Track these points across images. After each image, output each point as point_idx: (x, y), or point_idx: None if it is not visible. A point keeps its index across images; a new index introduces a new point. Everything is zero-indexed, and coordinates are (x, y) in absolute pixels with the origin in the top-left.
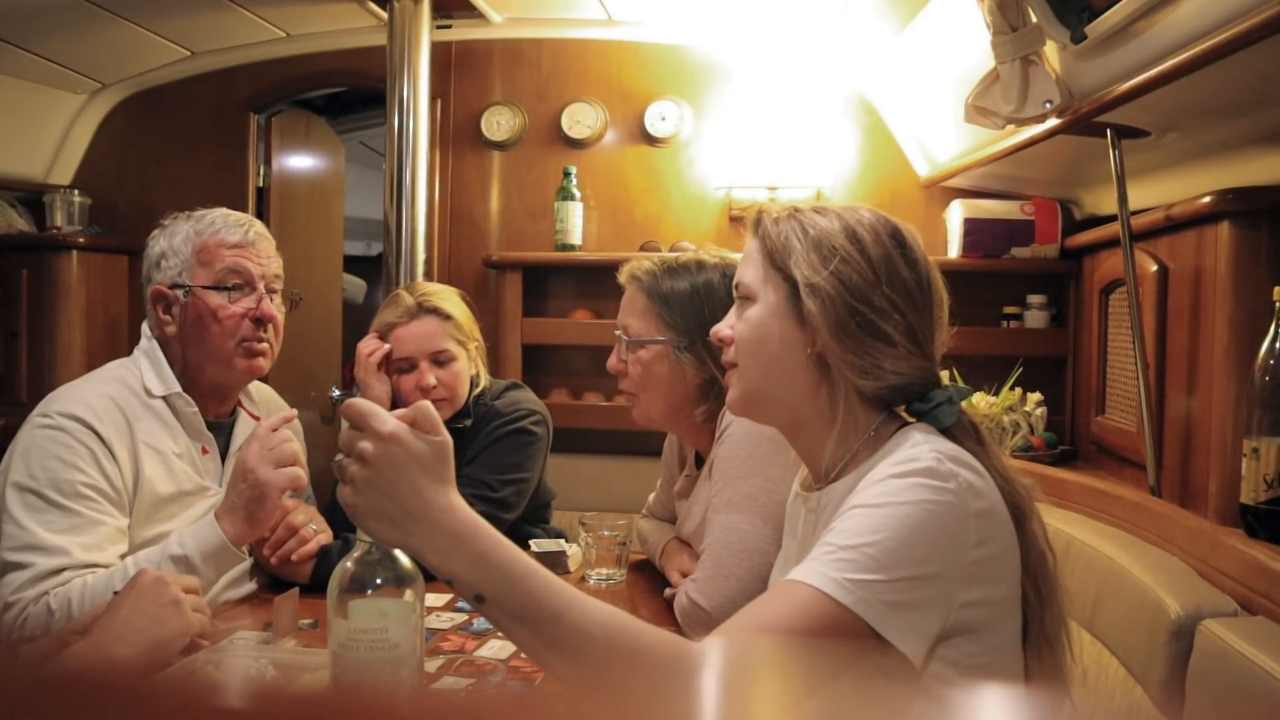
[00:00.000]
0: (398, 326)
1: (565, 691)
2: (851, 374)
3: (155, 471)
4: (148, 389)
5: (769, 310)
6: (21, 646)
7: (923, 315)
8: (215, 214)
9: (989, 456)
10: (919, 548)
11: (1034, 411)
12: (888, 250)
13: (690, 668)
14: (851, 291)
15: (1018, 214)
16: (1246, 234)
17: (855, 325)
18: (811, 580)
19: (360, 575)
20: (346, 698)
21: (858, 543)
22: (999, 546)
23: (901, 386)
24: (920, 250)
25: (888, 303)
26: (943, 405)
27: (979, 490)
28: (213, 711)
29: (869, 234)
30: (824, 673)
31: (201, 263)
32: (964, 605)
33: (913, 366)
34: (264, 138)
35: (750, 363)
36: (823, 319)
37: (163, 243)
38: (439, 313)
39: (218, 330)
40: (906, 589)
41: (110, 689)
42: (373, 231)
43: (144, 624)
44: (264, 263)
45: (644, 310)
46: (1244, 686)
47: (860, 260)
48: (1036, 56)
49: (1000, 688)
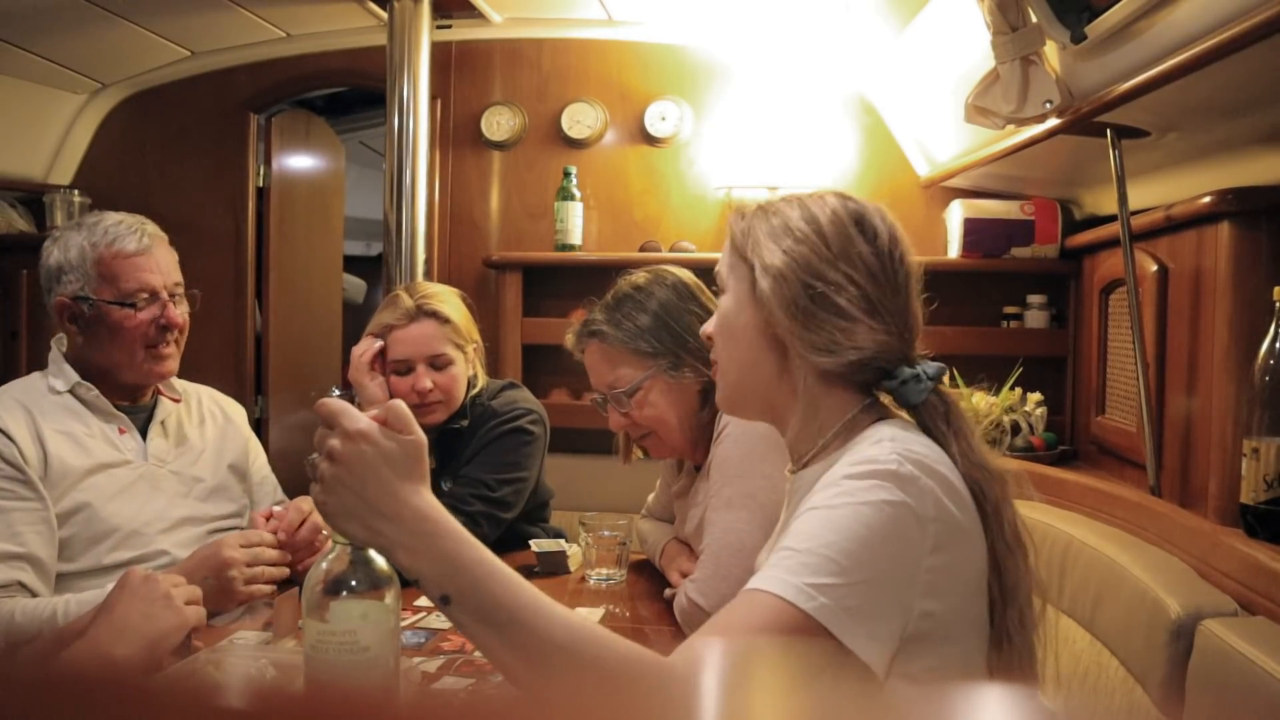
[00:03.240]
0: (396, 329)
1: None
2: (806, 350)
3: (64, 449)
4: (52, 388)
5: (734, 299)
6: (21, 647)
7: (884, 289)
8: (107, 222)
9: (960, 440)
10: (876, 549)
11: (1034, 411)
12: (844, 228)
13: (657, 681)
14: (803, 267)
15: (1018, 214)
16: (1246, 234)
17: (807, 299)
18: (772, 588)
19: (334, 577)
20: (346, 698)
21: (814, 545)
22: (957, 554)
23: (862, 362)
24: (886, 228)
25: (842, 276)
26: (908, 382)
27: (938, 496)
28: (213, 711)
29: (826, 214)
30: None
31: (103, 277)
32: (922, 615)
33: (872, 340)
34: (264, 138)
35: (724, 355)
36: (774, 297)
37: (57, 255)
38: (438, 316)
39: (125, 339)
40: (864, 593)
41: (110, 689)
42: (373, 231)
43: (139, 621)
44: (165, 271)
45: (621, 356)
46: (1244, 686)
47: (815, 238)
48: (1036, 56)
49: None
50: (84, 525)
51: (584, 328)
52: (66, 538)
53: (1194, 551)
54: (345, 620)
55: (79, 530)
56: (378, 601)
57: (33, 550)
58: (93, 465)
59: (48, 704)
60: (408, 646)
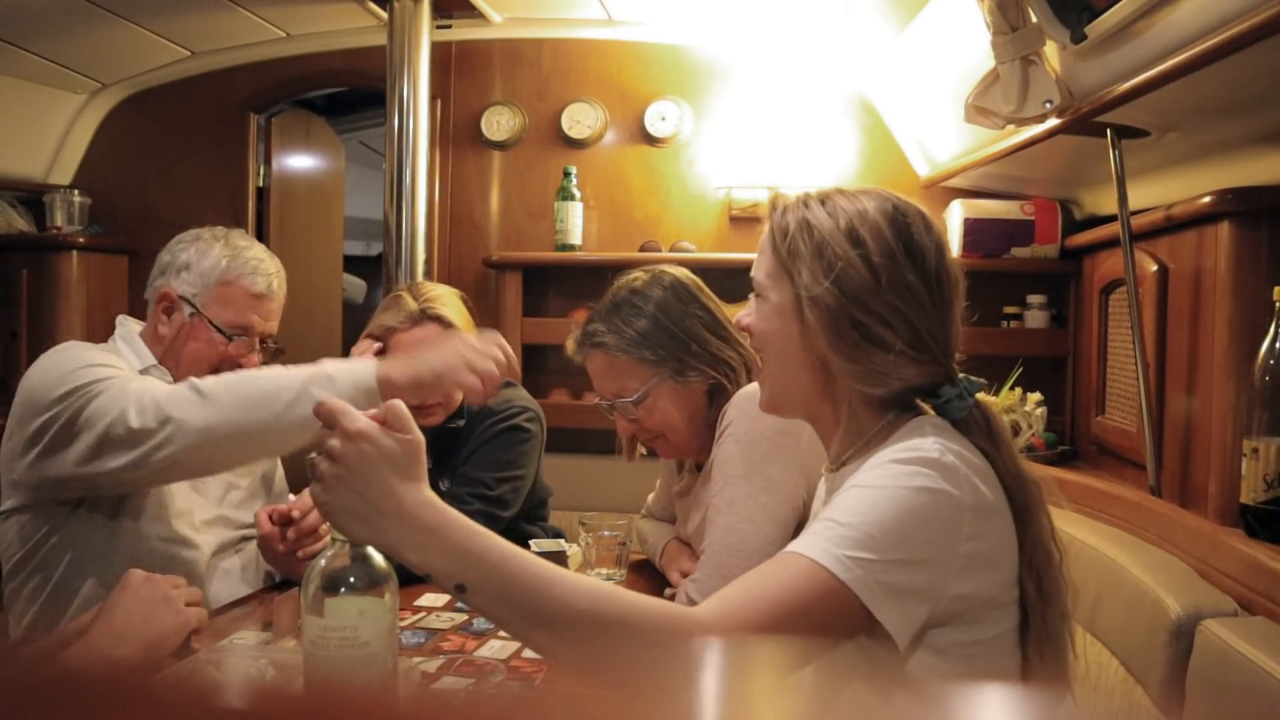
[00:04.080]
0: (398, 332)
1: (566, 690)
2: (855, 382)
3: None
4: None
5: (777, 310)
6: (21, 648)
7: (930, 316)
8: (253, 251)
9: (999, 450)
10: (914, 532)
11: (1034, 411)
12: (892, 252)
13: (684, 632)
14: (852, 300)
15: (1018, 214)
16: (1246, 234)
17: (857, 335)
18: (810, 553)
19: (333, 574)
20: (345, 698)
21: (856, 520)
22: (993, 543)
23: (909, 389)
24: (930, 241)
25: (889, 309)
26: (952, 400)
27: (977, 486)
28: (213, 711)
29: (872, 235)
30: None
31: (219, 299)
32: (954, 598)
33: (919, 371)
34: (264, 138)
35: (769, 362)
36: (821, 330)
37: (191, 255)
38: (441, 320)
39: (199, 357)
40: (899, 571)
41: (111, 689)
42: (373, 231)
43: (139, 622)
44: (271, 320)
45: (625, 366)
46: (1244, 686)
47: (861, 266)
48: (1036, 56)
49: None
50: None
51: (585, 337)
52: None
53: (1194, 551)
54: (344, 616)
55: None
56: (376, 598)
57: None
58: None
59: (48, 704)
60: (408, 646)
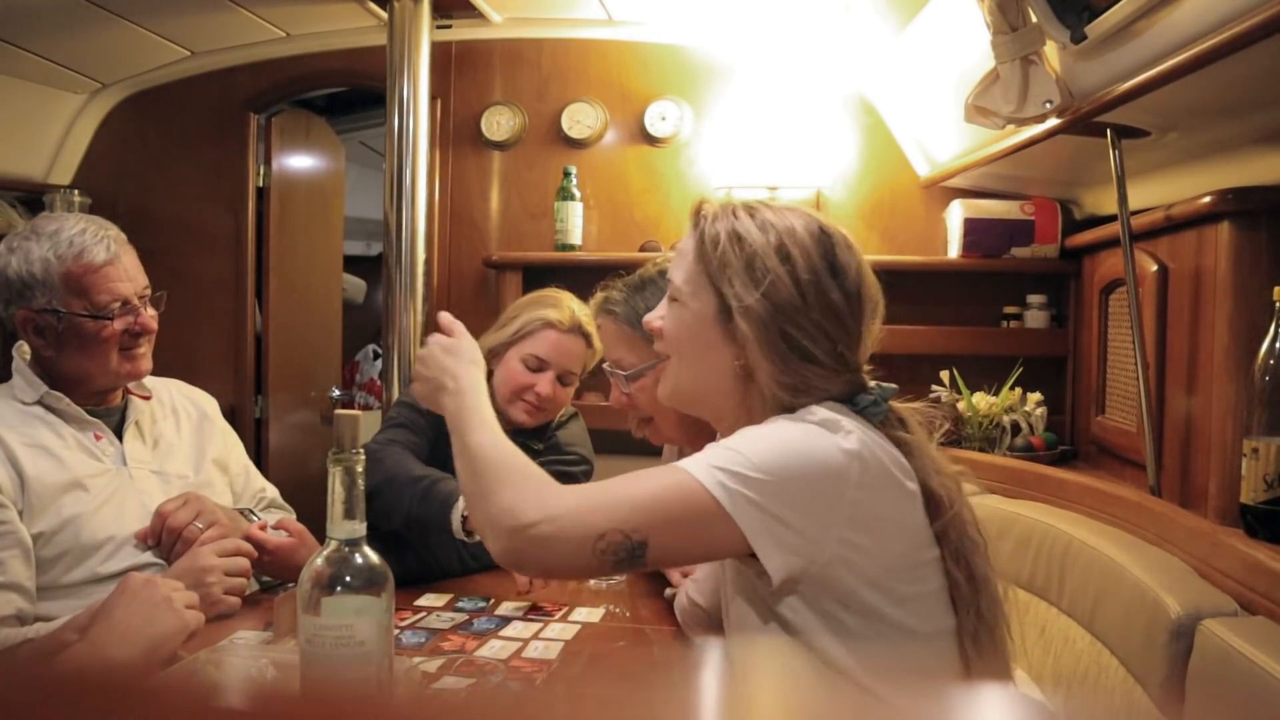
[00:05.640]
0: (555, 329)
1: (566, 690)
2: (779, 390)
3: (41, 467)
4: (20, 399)
5: (698, 318)
6: (21, 648)
7: (851, 332)
8: (69, 231)
9: (914, 443)
10: (800, 466)
11: (1034, 411)
12: (818, 272)
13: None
14: (782, 314)
15: (1018, 214)
16: (1246, 234)
17: (785, 347)
18: (689, 466)
19: (330, 574)
20: (345, 697)
21: (739, 446)
22: (885, 501)
23: (827, 398)
24: (852, 262)
25: (815, 327)
26: (867, 407)
27: (870, 445)
28: (213, 711)
29: (801, 254)
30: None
31: (74, 291)
32: (842, 540)
33: (839, 381)
34: (264, 138)
35: (680, 363)
36: (753, 338)
37: (16, 266)
38: (589, 340)
39: (100, 349)
40: (776, 497)
41: (111, 689)
42: (373, 231)
43: (139, 624)
44: (134, 277)
45: (629, 339)
46: (1244, 686)
47: (790, 282)
48: (1036, 56)
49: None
50: (74, 539)
51: (604, 301)
52: (59, 553)
53: (1194, 551)
54: (340, 615)
55: (70, 545)
56: (372, 598)
57: (11, 577)
58: (72, 479)
59: (48, 705)
60: (408, 646)
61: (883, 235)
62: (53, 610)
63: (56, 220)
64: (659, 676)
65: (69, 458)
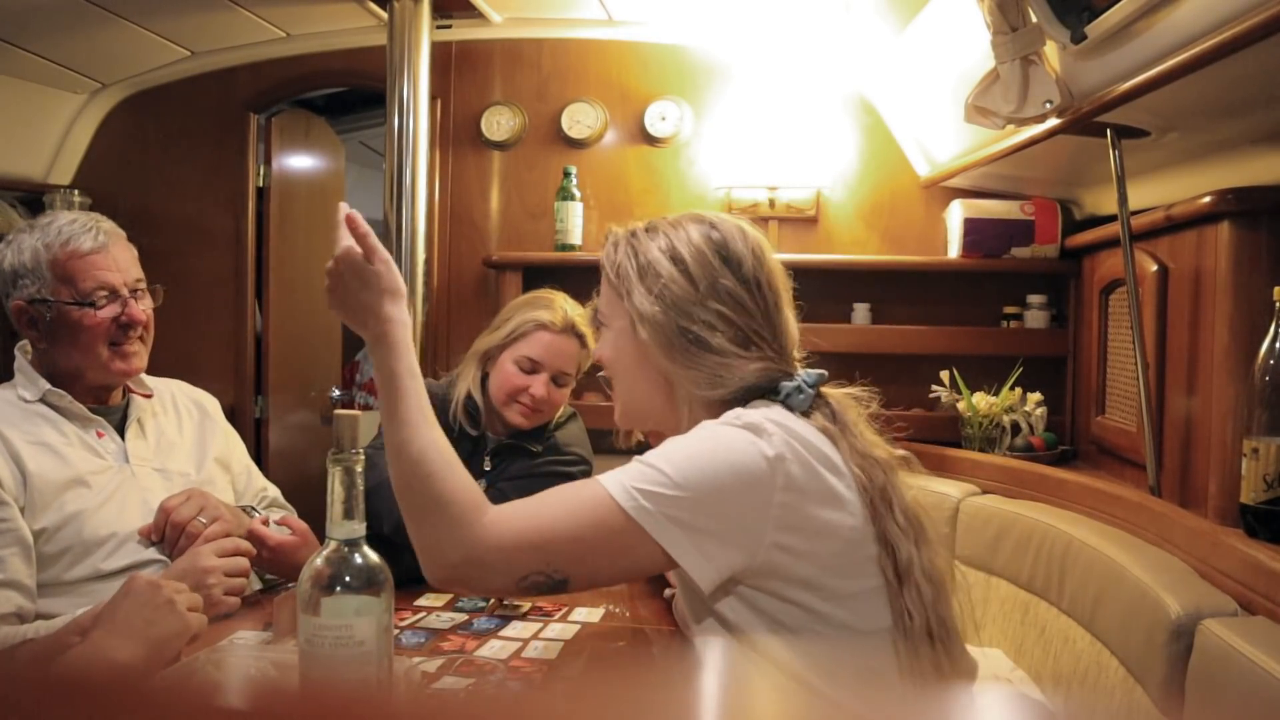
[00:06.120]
0: (548, 331)
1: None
2: (694, 387)
3: (44, 464)
4: (22, 397)
5: (617, 335)
6: (23, 649)
7: (754, 315)
8: (60, 221)
9: (847, 435)
10: (720, 477)
11: (1034, 411)
12: (709, 262)
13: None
14: (676, 310)
15: (1018, 214)
16: (1246, 234)
17: (685, 341)
18: (609, 486)
19: (329, 573)
20: (345, 698)
21: (658, 461)
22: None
23: (749, 388)
24: (748, 250)
25: (714, 315)
26: (791, 394)
27: (794, 445)
28: (213, 712)
29: (690, 252)
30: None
31: (60, 278)
32: (775, 545)
33: (754, 369)
34: (264, 138)
35: (619, 384)
36: (654, 343)
37: (10, 258)
38: (582, 340)
39: (87, 339)
40: (695, 509)
41: (111, 690)
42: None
43: (141, 626)
44: (124, 268)
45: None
46: (1244, 686)
47: (682, 280)
48: (1036, 56)
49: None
50: (75, 535)
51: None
52: (60, 550)
53: (1194, 551)
54: (340, 615)
55: (72, 541)
56: (372, 597)
57: (11, 575)
58: (74, 475)
59: (48, 706)
60: (408, 646)
61: (883, 235)
62: (55, 607)
63: (52, 214)
64: (659, 676)
65: (71, 455)
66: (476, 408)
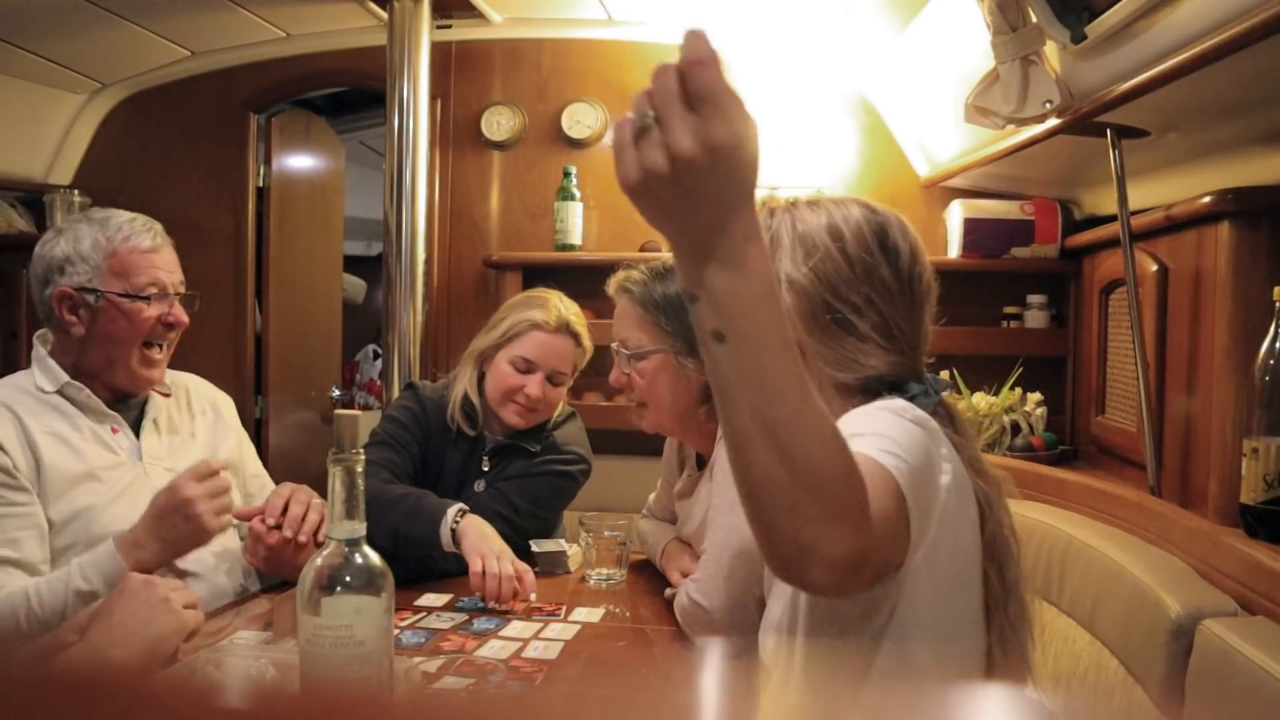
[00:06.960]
0: (541, 330)
1: (566, 690)
2: (826, 365)
3: (58, 456)
4: (40, 388)
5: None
6: (19, 648)
7: (900, 310)
8: (120, 218)
9: (963, 444)
10: (916, 445)
11: (1034, 411)
12: (869, 247)
13: None
14: (827, 286)
15: (1018, 214)
16: (1246, 234)
17: (829, 319)
18: (864, 449)
19: (329, 573)
20: (345, 697)
21: (868, 430)
22: (961, 504)
23: (877, 378)
24: (907, 245)
25: (863, 299)
26: (918, 396)
27: (943, 439)
28: (213, 711)
29: (852, 232)
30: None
31: (115, 271)
32: (931, 542)
33: (887, 361)
34: (264, 138)
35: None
36: (797, 313)
37: (64, 246)
38: (578, 339)
39: (128, 334)
40: (920, 477)
41: (110, 690)
42: (373, 231)
43: (137, 625)
44: (174, 271)
45: (639, 321)
46: (1244, 686)
47: (839, 257)
48: (1036, 56)
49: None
50: (85, 529)
51: (624, 280)
52: (69, 544)
53: (1194, 551)
54: (340, 615)
55: (81, 535)
56: (372, 597)
57: (26, 556)
58: (87, 470)
59: (47, 707)
60: (408, 646)
61: None
62: None
63: (109, 211)
64: (659, 676)
65: (85, 449)
66: (474, 408)
